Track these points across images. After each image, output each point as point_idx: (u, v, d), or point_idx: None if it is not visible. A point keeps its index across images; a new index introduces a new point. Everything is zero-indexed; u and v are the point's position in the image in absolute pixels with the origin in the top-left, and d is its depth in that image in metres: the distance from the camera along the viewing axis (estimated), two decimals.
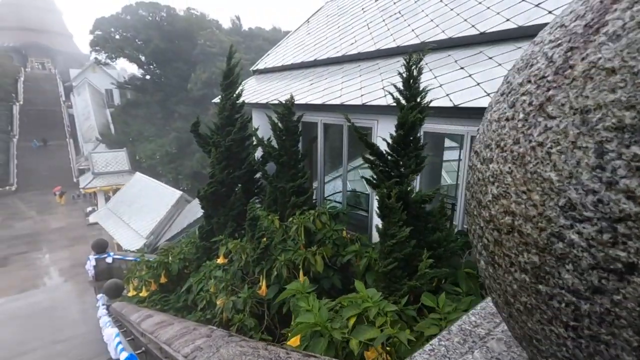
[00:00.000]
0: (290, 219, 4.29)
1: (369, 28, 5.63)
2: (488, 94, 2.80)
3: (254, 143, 5.84)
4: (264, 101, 5.60)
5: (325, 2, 8.98)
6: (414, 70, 2.51)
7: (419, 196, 2.55)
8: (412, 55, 2.55)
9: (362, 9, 6.58)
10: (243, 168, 5.71)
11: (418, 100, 2.55)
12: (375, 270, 2.59)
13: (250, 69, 7.83)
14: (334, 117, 4.67)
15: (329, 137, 5.13)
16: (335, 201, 5.51)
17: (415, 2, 5.40)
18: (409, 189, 2.45)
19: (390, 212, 2.42)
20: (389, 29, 5.10)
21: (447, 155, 4.23)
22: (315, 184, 5.39)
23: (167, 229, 15.68)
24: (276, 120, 4.79)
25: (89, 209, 27.03)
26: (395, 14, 5.41)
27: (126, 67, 49.74)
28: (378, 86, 4.04)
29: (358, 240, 4.01)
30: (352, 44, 5.51)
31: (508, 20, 3.55)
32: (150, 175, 23.07)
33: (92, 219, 23.70)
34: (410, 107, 2.50)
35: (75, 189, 30.83)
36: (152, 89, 36.88)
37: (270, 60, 7.55)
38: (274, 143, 5.10)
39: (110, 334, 3.89)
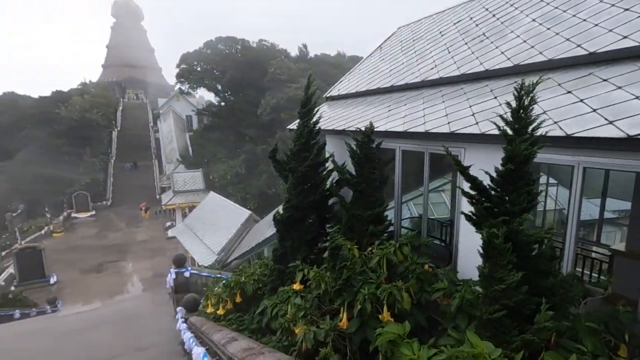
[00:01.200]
0: (370, 248, 4.17)
1: (449, 52, 5.46)
2: (611, 122, 2.47)
3: (329, 169, 5.91)
4: (340, 128, 5.66)
5: (397, 28, 9.01)
6: (525, 100, 2.31)
7: (530, 236, 2.29)
8: (524, 82, 2.35)
9: (440, 32, 6.45)
10: (317, 193, 5.77)
11: (529, 130, 2.33)
12: (479, 316, 2.34)
13: (323, 95, 8.07)
14: (413, 144, 4.53)
15: (407, 164, 4.98)
16: (410, 229, 5.28)
17: (502, 22, 5.13)
18: (520, 228, 2.21)
19: (498, 253, 2.19)
20: (473, 52, 4.89)
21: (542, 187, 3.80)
22: (392, 212, 5.23)
23: (236, 246, 16.45)
24: (354, 147, 4.78)
25: (168, 223, 29.62)
26: (478, 36, 5.19)
27: (204, 95, 54.77)
28: (466, 112, 3.83)
29: (444, 276, 3.74)
30: (431, 68, 5.38)
31: (626, 37, 3.16)
32: (222, 195, 24.69)
33: (170, 233, 25.86)
34: (523, 139, 2.28)
35: (158, 205, 34.14)
36: (226, 114, 40.00)
37: (343, 87, 7.71)
38: (349, 169, 5.09)
39: (198, 353, 4.07)
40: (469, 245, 3.70)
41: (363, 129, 4.73)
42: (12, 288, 17.45)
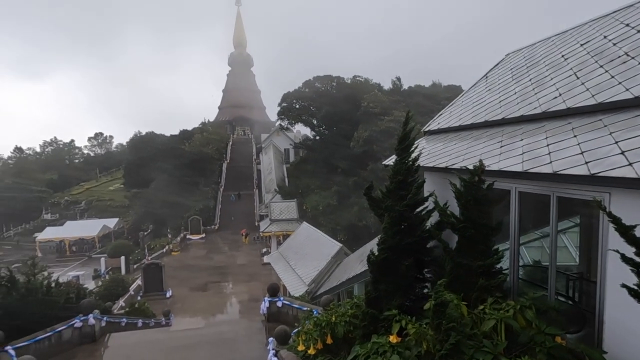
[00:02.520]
0: (481, 307, 3.58)
1: (578, 77, 4.68)
2: None
3: (428, 209, 5.47)
4: (442, 165, 5.24)
5: (505, 55, 8.28)
6: None
7: None
8: None
9: (563, 56, 5.63)
10: (415, 235, 5.35)
11: None
12: None
13: (422, 129, 7.73)
14: (535, 186, 3.87)
15: (525, 207, 4.27)
16: (528, 280, 4.44)
17: None
18: None
19: None
20: (613, 77, 4.08)
21: None
22: (505, 263, 4.50)
23: (326, 279, 16.42)
24: (460, 188, 4.32)
25: (264, 250, 31.44)
26: (619, 56, 4.34)
27: (301, 130, 58.68)
28: (611, 150, 3.12)
29: (584, 354, 2.95)
30: (555, 97, 4.66)
31: None
32: (313, 225, 25.37)
33: (265, 259, 27.34)
34: None
35: (256, 231, 36.74)
36: (320, 147, 41.95)
37: (443, 120, 7.27)
38: (452, 210, 4.61)
39: None
40: (626, 320, 2.87)
41: (471, 167, 4.26)
42: (139, 298, 20.33)
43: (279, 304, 10.42)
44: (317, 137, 44.35)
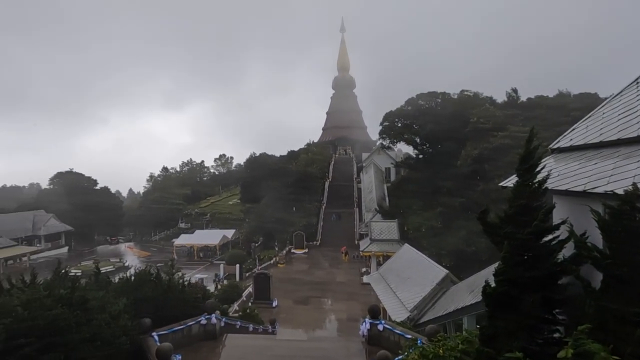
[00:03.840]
0: None
1: None
2: None
3: (559, 238, 4.71)
4: (579, 188, 4.49)
5: None
6: None
7: None
8: None
9: None
10: (543, 268, 4.65)
11: None
12: None
13: (549, 147, 6.77)
14: None
15: None
16: None
17: None
18: None
19: None
20: None
21: None
22: None
23: (429, 306, 15.37)
24: (605, 216, 3.62)
25: (363, 269, 31.21)
26: None
27: (402, 148, 57.49)
28: None
29: None
30: None
31: None
32: (415, 247, 24.19)
33: (365, 279, 27.06)
34: None
35: (356, 250, 36.84)
36: (423, 166, 40.29)
37: (578, 135, 6.25)
38: (590, 241, 3.86)
39: None
40: None
41: (620, 191, 3.55)
42: (249, 304, 22.31)
43: (380, 327, 10.15)
44: (420, 156, 42.80)
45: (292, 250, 39.95)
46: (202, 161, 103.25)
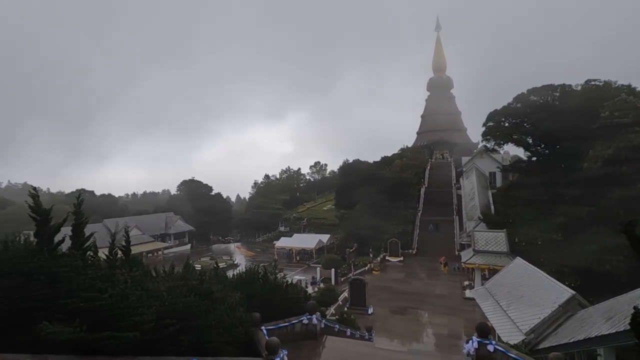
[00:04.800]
0: None
1: None
2: None
3: None
4: None
5: None
6: None
7: None
8: None
9: None
10: None
11: None
12: None
13: None
14: None
15: None
16: None
17: None
18: None
19: None
20: None
21: None
22: None
23: (550, 331, 13.31)
24: None
25: (466, 282, 28.81)
26: None
27: (510, 151, 51.62)
28: None
29: None
30: None
31: None
32: (528, 262, 21.29)
33: (468, 293, 24.95)
34: None
35: (456, 261, 34.28)
36: (537, 170, 35.40)
37: None
38: None
39: None
40: None
41: None
42: (345, 309, 22.60)
43: (491, 348, 9.18)
44: (533, 159, 37.63)
45: (387, 258, 39.18)
46: (299, 169, 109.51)
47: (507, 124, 37.30)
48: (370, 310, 23.07)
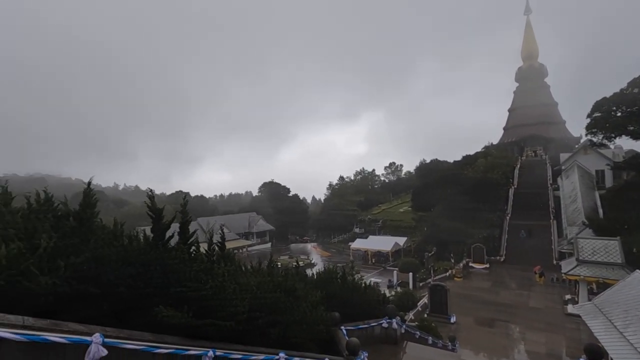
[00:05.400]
0: None
1: None
2: None
3: None
4: None
5: None
6: None
7: None
8: None
9: None
10: None
11: None
12: None
13: None
14: None
15: None
16: None
17: None
18: None
19: None
20: None
21: None
22: None
23: None
24: None
25: (567, 296, 25.44)
26: None
27: (623, 145, 44.08)
28: None
29: None
30: None
31: None
32: None
33: (571, 309, 21.99)
34: None
35: (554, 271, 30.43)
36: None
37: None
38: None
39: None
40: None
41: None
42: (425, 315, 21.67)
43: None
44: None
45: (471, 264, 36.48)
46: (373, 170, 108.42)
47: (619, 114, 31.93)
48: (453, 319, 21.71)
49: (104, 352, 3.43)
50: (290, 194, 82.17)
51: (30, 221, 4.26)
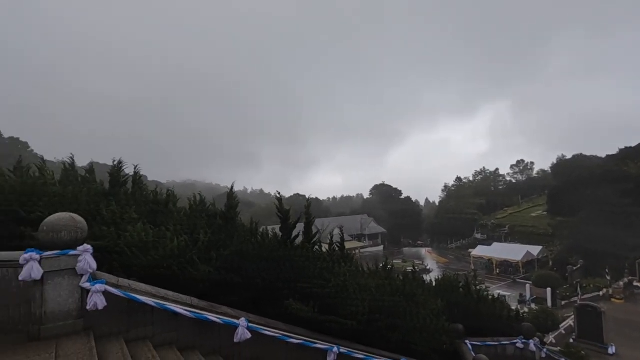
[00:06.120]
0: None
1: None
2: None
3: None
4: None
5: None
6: None
7: None
8: None
9: None
10: None
11: None
12: None
13: None
14: None
15: None
16: None
17: None
18: None
19: None
20: None
21: None
22: None
23: None
24: None
25: None
26: None
27: None
28: None
29: None
30: None
31: None
32: None
33: None
34: None
35: None
36: None
37: None
38: None
39: None
40: None
41: None
42: (571, 340, 18.20)
43: None
44: None
45: (636, 284, 29.11)
46: (497, 169, 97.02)
47: None
48: (612, 350, 17.64)
49: (248, 335, 3.93)
50: (402, 196, 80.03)
51: (191, 219, 5.21)
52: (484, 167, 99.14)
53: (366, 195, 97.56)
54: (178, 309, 3.60)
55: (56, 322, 3.14)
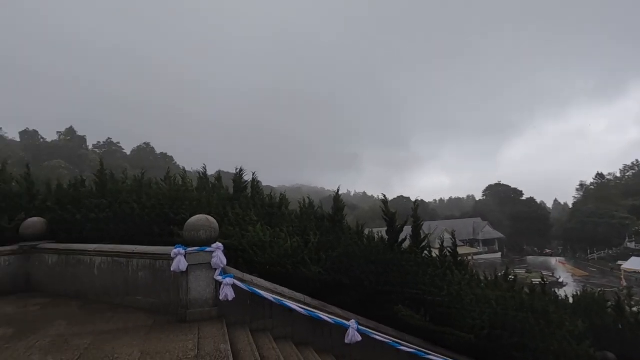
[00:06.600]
0: None
1: None
2: None
3: None
4: None
5: None
6: None
7: None
8: None
9: None
10: None
11: None
12: None
13: None
14: None
15: None
16: None
17: None
18: None
19: None
20: None
21: None
22: None
23: None
24: None
25: None
26: None
27: None
28: None
29: None
30: None
31: None
32: None
33: None
34: None
35: None
36: None
37: None
38: None
39: None
40: None
41: None
42: None
43: None
44: None
45: None
46: None
47: None
48: None
49: (359, 337, 3.95)
50: (524, 198, 70.31)
51: (302, 221, 5.54)
52: (637, 160, 79.83)
53: (478, 196, 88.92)
54: (293, 305, 3.85)
55: (197, 308, 3.69)
